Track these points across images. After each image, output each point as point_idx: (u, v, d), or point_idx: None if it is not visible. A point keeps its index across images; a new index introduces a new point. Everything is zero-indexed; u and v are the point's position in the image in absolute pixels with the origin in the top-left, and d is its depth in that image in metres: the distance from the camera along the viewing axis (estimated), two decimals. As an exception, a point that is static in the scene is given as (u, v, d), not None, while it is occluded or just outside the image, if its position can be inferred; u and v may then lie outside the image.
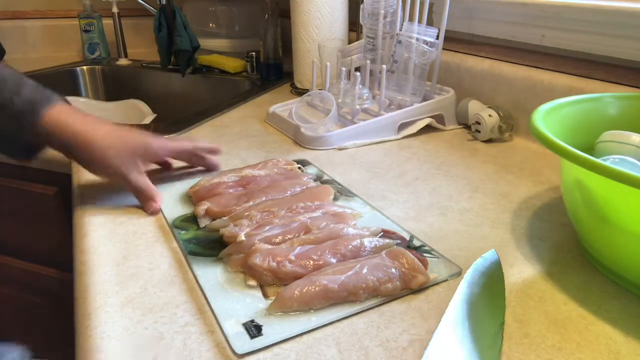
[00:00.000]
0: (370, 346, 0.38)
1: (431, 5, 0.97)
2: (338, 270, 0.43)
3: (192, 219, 0.56)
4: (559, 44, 0.83)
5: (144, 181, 0.57)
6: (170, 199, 0.60)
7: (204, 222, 0.54)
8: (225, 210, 0.55)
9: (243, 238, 0.48)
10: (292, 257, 0.44)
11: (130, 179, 0.56)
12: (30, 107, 0.53)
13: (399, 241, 0.51)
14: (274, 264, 0.43)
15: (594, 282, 0.46)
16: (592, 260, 0.49)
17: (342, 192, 0.62)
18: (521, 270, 0.48)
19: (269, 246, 0.47)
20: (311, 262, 0.45)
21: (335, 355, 0.37)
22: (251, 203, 0.56)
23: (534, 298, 0.44)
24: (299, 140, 0.81)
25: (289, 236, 0.49)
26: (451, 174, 0.70)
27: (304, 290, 0.41)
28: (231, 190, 0.59)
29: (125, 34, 1.43)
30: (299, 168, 0.67)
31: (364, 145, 0.80)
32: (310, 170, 0.68)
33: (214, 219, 0.55)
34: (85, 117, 0.56)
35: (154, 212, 0.57)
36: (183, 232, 0.53)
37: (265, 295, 0.43)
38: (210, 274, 0.46)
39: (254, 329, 0.39)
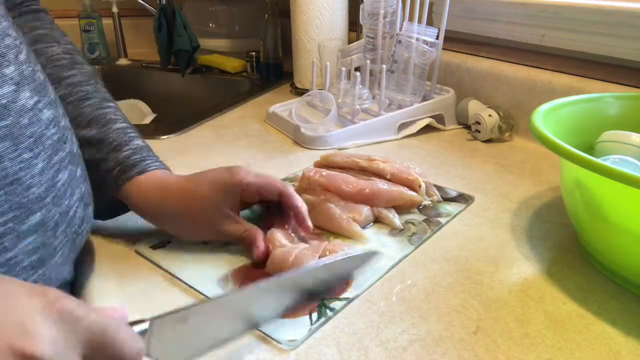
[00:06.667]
0: (370, 346, 0.38)
1: (431, 5, 0.97)
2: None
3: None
4: (559, 44, 0.84)
5: (237, 228, 0.49)
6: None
7: None
8: None
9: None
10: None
11: (225, 235, 0.49)
12: (117, 172, 0.50)
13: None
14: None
15: (594, 282, 0.46)
16: (592, 260, 0.49)
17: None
18: (521, 270, 0.48)
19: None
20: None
21: (335, 355, 0.37)
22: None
23: (534, 298, 0.44)
24: (299, 140, 0.81)
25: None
26: (451, 174, 0.70)
27: None
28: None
29: (125, 34, 1.42)
30: None
31: (364, 145, 0.80)
32: None
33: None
34: (162, 188, 0.50)
35: (258, 258, 0.48)
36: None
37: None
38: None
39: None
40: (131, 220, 0.56)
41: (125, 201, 0.51)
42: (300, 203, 0.50)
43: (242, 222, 0.49)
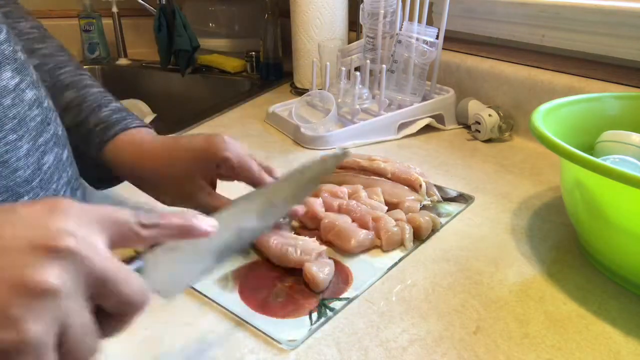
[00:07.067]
0: (370, 346, 0.38)
1: (431, 5, 0.97)
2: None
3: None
4: (559, 44, 0.84)
5: (210, 202, 0.48)
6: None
7: None
8: None
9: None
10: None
11: (200, 206, 0.48)
12: (99, 131, 0.49)
13: None
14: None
15: (594, 282, 0.46)
16: (592, 260, 0.49)
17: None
18: (521, 270, 0.48)
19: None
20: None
21: (335, 355, 0.37)
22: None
23: (534, 298, 0.44)
24: (299, 140, 0.81)
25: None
26: (451, 173, 0.70)
27: None
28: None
29: (125, 34, 1.43)
30: None
31: (364, 145, 0.80)
32: None
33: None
34: (140, 149, 0.49)
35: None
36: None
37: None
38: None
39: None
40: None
41: (105, 162, 0.50)
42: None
43: (216, 195, 0.48)
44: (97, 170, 0.51)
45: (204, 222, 0.31)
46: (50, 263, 0.24)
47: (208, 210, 0.47)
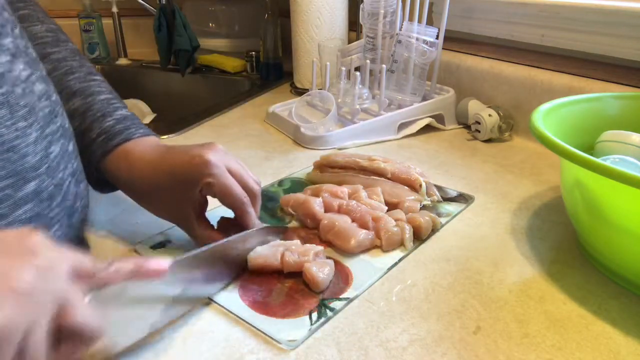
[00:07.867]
0: (370, 346, 0.38)
1: (431, 5, 0.97)
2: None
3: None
4: (559, 43, 0.84)
5: (191, 232, 0.48)
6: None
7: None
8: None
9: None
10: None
11: (188, 231, 0.48)
12: (101, 142, 0.49)
13: None
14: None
15: (594, 282, 0.46)
16: (592, 260, 0.49)
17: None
18: (521, 270, 0.48)
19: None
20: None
21: (335, 355, 0.37)
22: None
23: (534, 298, 0.44)
24: (299, 140, 0.81)
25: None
26: (451, 173, 0.70)
27: None
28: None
29: (125, 33, 1.43)
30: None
31: (364, 145, 0.80)
32: None
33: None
34: (131, 164, 0.48)
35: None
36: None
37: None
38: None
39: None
40: (130, 220, 0.56)
41: (105, 174, 0.50)
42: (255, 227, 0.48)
43: (196, 226, 0.47)
44: (98, 174, 0.51)
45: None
46: (15, 299, 0.26)
47: (194, 238, 0.48)
